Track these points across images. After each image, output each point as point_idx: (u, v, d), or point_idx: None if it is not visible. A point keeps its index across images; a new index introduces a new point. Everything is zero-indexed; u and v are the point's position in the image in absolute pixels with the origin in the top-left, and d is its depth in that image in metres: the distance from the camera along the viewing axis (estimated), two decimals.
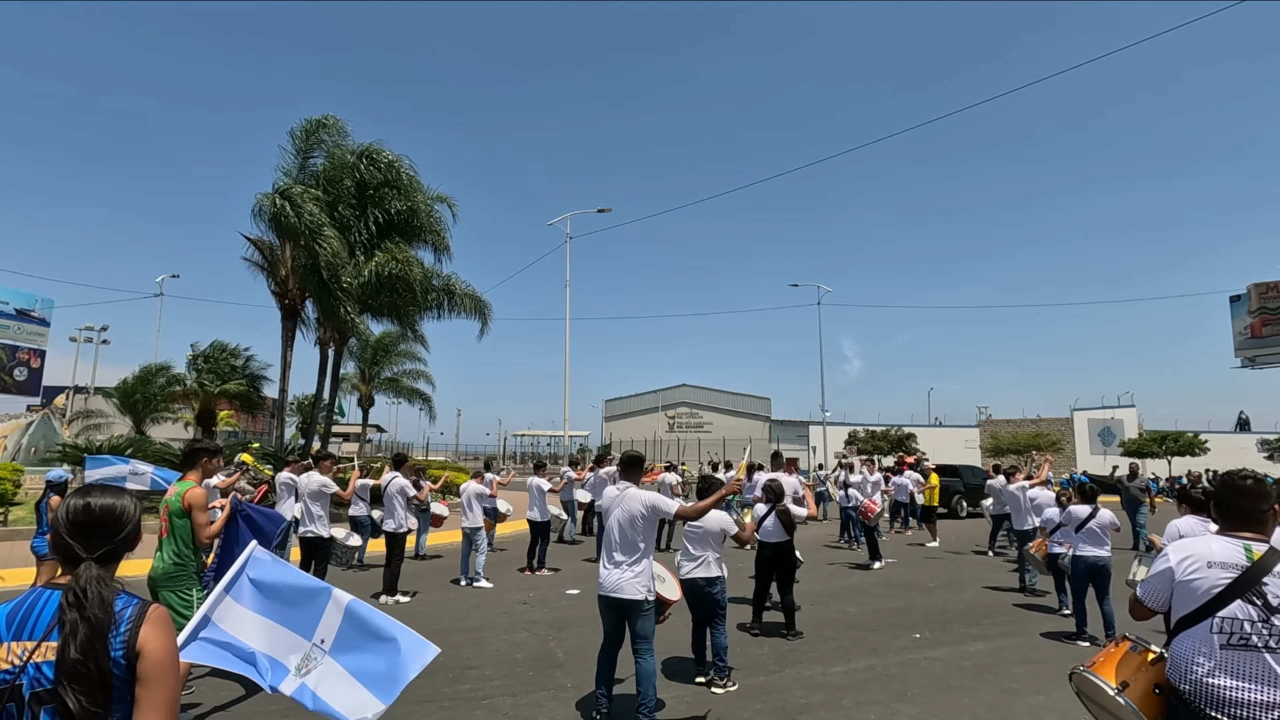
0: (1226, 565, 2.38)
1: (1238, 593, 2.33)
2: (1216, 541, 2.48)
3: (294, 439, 23.63)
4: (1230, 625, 2.32)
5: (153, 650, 1.59)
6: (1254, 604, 2.30)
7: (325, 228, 17.19)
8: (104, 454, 7.13)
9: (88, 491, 1.74)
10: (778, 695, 5.34)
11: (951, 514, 20.55)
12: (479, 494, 10.17)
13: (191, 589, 4.45)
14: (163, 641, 1.61)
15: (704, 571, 5.74)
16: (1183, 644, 2.43)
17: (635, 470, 4.96)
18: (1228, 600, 2.33)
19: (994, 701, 5.28)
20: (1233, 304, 45.87)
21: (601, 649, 4.76)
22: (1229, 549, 2.42)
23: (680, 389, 61.68)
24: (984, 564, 12.30)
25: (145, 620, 1.61)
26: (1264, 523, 2.50)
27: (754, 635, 7.13)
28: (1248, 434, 55.19)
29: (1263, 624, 2.28)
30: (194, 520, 4.47)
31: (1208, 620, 2.36)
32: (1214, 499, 2.64)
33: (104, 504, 1.70)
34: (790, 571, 7.32)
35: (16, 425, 26.17)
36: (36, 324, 41.46)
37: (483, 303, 20.73)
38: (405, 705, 5.02)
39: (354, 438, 42.14)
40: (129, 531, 1.73)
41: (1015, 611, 8.51)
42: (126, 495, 1.77)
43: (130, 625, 1.59)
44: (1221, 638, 2.32)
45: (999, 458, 40.25)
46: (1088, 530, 7.19)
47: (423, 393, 32.85)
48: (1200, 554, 2.45)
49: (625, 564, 4.57)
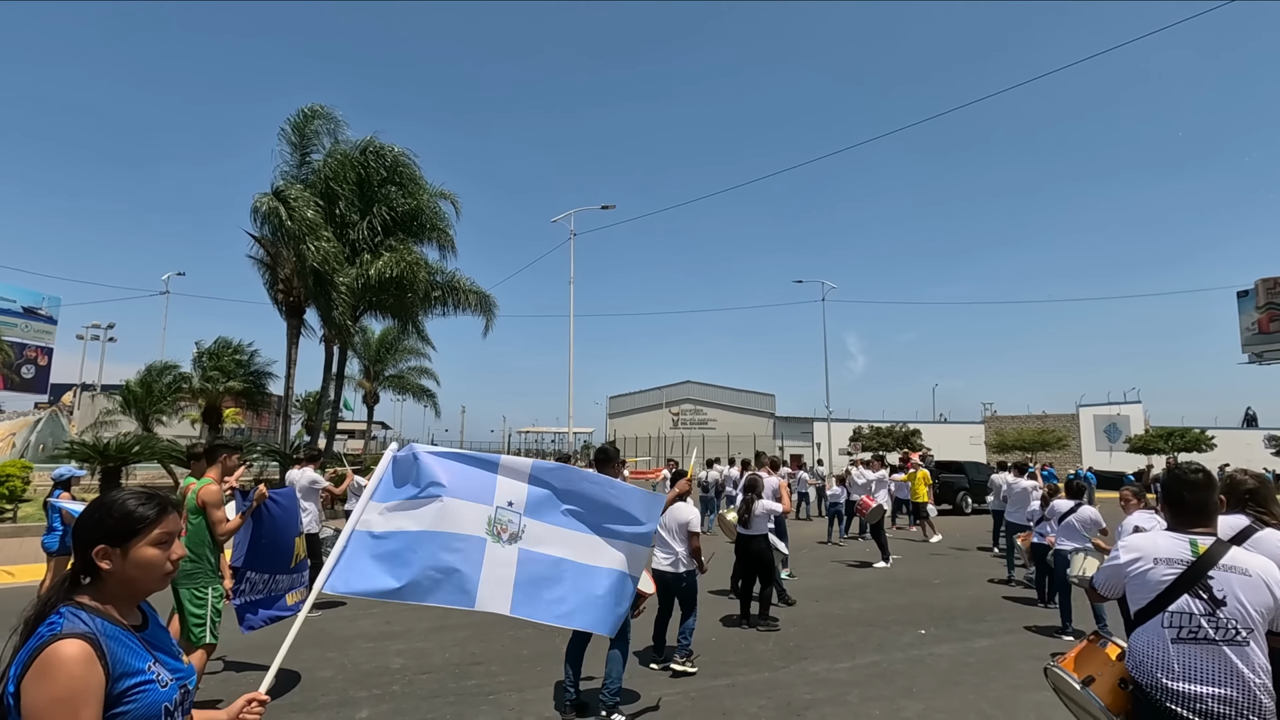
0: (1171, 561, 2.43)
1: (1184, 588, 2.37)
2: (1163, 538, 2.53)
3: (299, 436, 23.75)
4: (1180, 620, 2.36)
5: (27, 703, 1.32)
6: (1200, 598, 2.35)
7: (319, 230, 17.21)
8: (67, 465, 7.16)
9: (117, 492, 1.64)
10: (783, 691, 5.35)
11: (956, 510, 20.53)
12: None
13: (207, 586, 4.46)
14: (41, 694, 1.32)
15: (674, 568, 5.75)
16: (1138, 639, 2.48)
17: (608, 466, 4.96)
18: (1175, 595, 2.38)
19: (999, 697, 5.29)
20: (1240, 299, 45.63)
21: (570, 641, 4.80)
22: (1175, 544, 2.47)
23: (684, 386, 61.65)
24: (989, 560, 12.28)
25: (36, 659, 1.35)
26: (1212, 516, 2.54)
27: (745, 629, 7.19)
28: (1255, 430, 54.87)
29: (1208, 617, 2.32)
30: (208, 518, 4.48)
31: (1158, 615, 2.41)
32: (1163, 494, 2.65)
33: (102, 500, 1.60)
34: (767, 565, 7.39)
35: (24, 422, 26.37)
36: (44, 322, 41.73)
37: (487, 299, 20.78)
38: (412, 701, 5.05)
39: (359, 435, 42.27)
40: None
41: (1020, 608, 8.50)
42: (117, 499, 1.61)
43: (27, 657, 1.36)
44: (1171, 632, 2.37)
45: (1004, 454, 40.16)
46: (1066, 525, 7.34)
47: (427, 389, 33.04)
48: (1147, 551, 2.50)
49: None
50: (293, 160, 19.06)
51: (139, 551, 1.55)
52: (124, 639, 1.49)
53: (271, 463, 18.55)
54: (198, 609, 4.38)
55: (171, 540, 1.62)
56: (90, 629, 1.41)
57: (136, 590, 1.57)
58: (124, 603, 1.56)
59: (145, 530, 1.57)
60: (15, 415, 30.41)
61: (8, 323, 38.12)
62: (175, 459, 17.02)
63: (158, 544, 1.58)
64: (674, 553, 5.79)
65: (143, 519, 1.57)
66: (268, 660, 2.31)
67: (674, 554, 5.79)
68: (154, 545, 1.58)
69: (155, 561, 1.58)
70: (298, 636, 2.33)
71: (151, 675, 1.49)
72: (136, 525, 1.56)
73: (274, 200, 17.47)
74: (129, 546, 1.54)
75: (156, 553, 1.58)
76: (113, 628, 1.47)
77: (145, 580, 1.57)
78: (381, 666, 5.77)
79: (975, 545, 14.00)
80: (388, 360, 31.34)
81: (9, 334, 36.90)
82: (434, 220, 19.81)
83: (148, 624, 1.60)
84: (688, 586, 5.79)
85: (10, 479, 14.18)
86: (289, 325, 19.18)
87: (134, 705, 1.43)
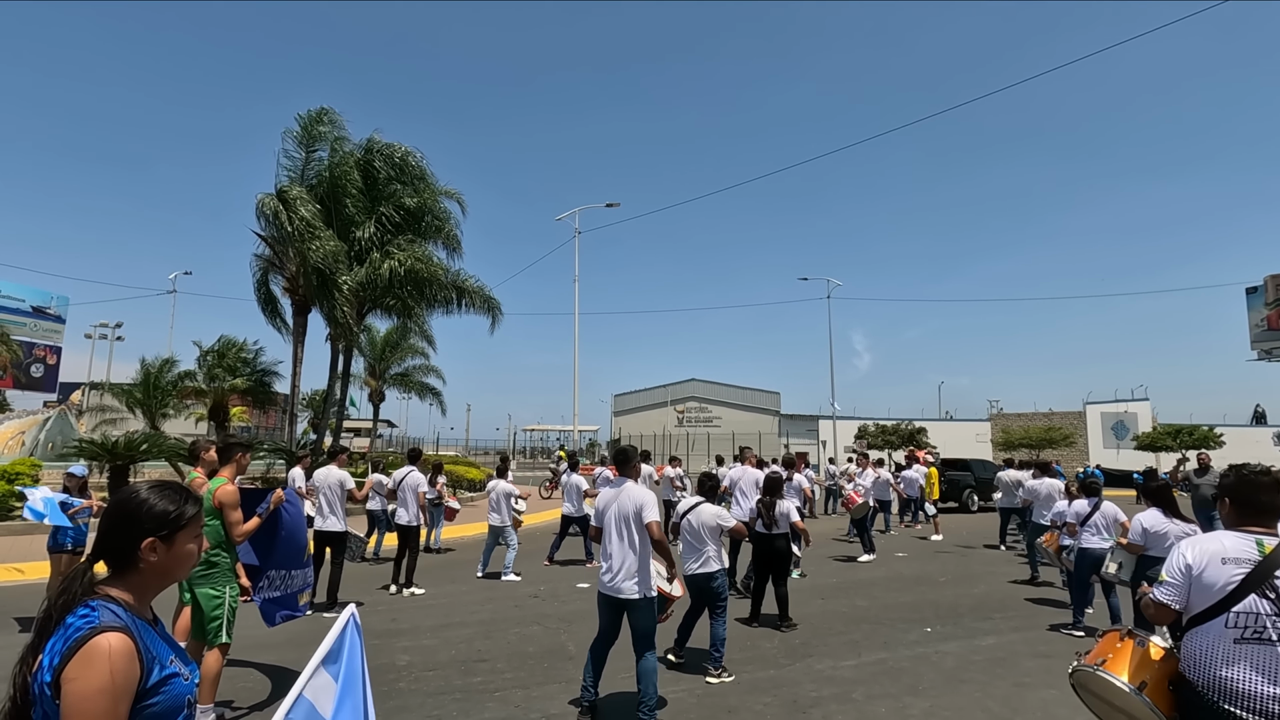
0: (1239, 560, 2.38)
1: (1251, 587, 2.32)
2: (1229, 537, 2.48)
3: (305, 434, 23.83)
4: (1245, 620, 2.31)
5: (69, 693, 1.31)
6: (1267, 598, 2.30)
7: (319, 230, 17.27)
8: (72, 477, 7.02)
9: (149, 486, 1.64)
10: (789, 688, 5.34)
11: (963, 508, 20.47)
12: (507, 493, 10.25)
13: (225, 586, 4.48)
14: (84, 685, 1.31)
15: (704, 567, 5.78)
16: (1197, 640, 2.42)
17: (627, 465, 4.90)
18: (1242, 595, 2.33)
19: (1006, 695, 5.26)
20: (1249, 296, 45.28)
21: (594, 642, 4.77)
22: (1240, 544, 2.42)
23: (689, 383, 61.60)
24: (995, 558, 12.24)
25: (79, 650, 1.33)
26: (1276, 516, 2.50)
27: (753, 628, 7.16)
28: (1264, 427, 54.47)
29: (1275, 617, 2.28)
30: (225, 518, 4.49)
31: (1222, 616, 2.35)
32: (1226, 493, 2.63)
33: (117, 500, 1.60)
34: (784, 564, 7.38)
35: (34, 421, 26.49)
36: (52, 321, 41.94)
37: (493, 300, 20.78)
38: (418, 698, 5.06)
39: (365, 433, 42.37)
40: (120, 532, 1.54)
41: (1027, 605, 8.47)
42: (154, 492, 1.61)
43: (67, 648, 1.34)
44: (1236, 632, 2.32)
45: (1011, 451, 39.98)
46: (1091, 523, 7.29)
47: (433, 388, 33.04)
48: (1213, 550, 2.45)
49: (622, 562, 4.56)
50: (299, 160, 19.12)
51: (181, 544, 1.60)
52: (150, 632, 1.51)
53: (278, 460, 18.62)
54: (216, 608, 4.40)
55: (201, 532, 1.69)
56: (125, 621, 1.42)
57: (168, 582, 1.62)
58: (149, 595, 1.59)
59: (191, 524, 1.63)
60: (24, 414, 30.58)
61: (16, 322, 38.32)
62: (183, 457, 17.09)
63: (196, 537, 1.65)
64: (703, 553, 5.80)
65: (187, 513, 1.62)
66: (268, 658, 2.29)
67: (703, 553, 5.80)
68: (194, 538, 1.64)
69: (193, 554, 1.65)
70: (302, 635, 2.33)
71: (175, 669, 1.50)
72: (184, 519, 1.61)
73: (274, 200, 17.56)
74: (174, 539, 1.58)
75: (194, 545, 1.64)
76: (140, 621, 1.49)
77: (180, 572, 1.63)
78: (388, 663, 5.78)
79: (982, 543, 13.95)
80: (392, 359, 31.38)
81: (18, 333, 37.11)
82: (440, 219, 19.84)
83: (158, 621, 1.62)
84: (719, 586, 5.75)
85: (20, 477, 14.26)
86: (295, 323, 19.24)
87: (162, 698, 1.45)
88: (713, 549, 5.81)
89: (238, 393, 24.51)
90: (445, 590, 9.05)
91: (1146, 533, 5.60)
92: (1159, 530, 5.57)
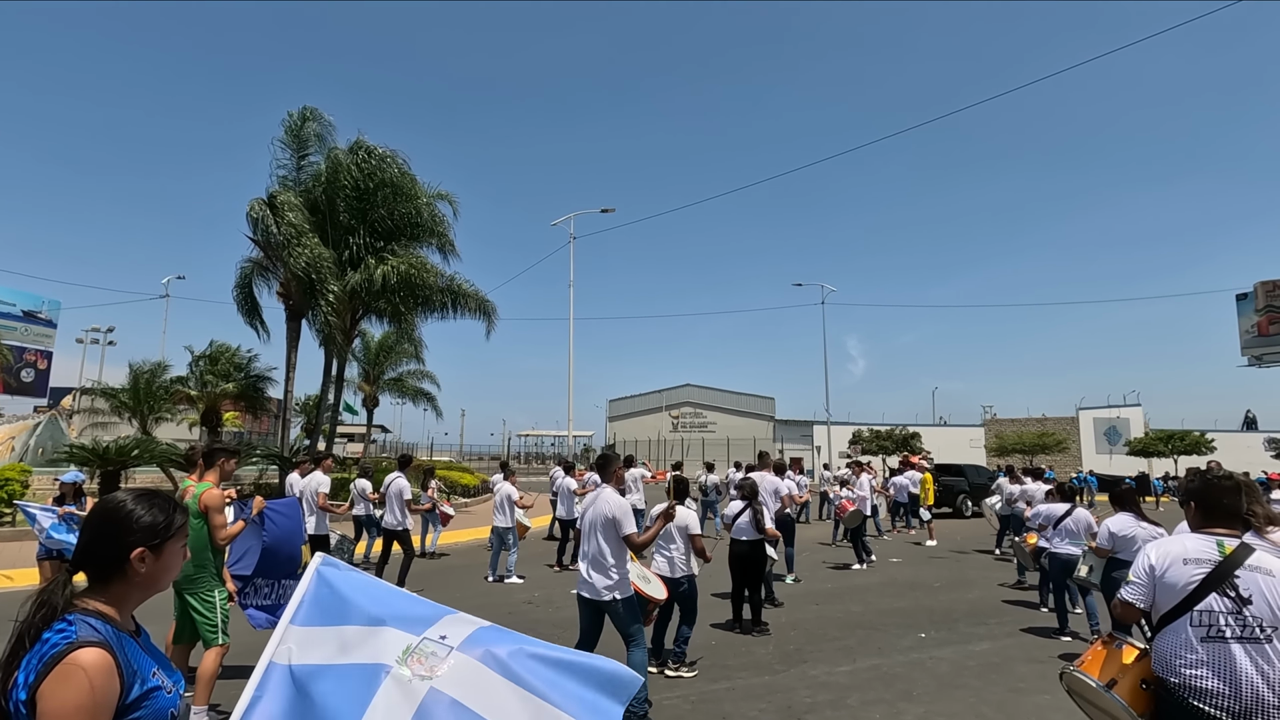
0: (1200, 561, 2.48)
1: (1211, 587, 2.42)
2: (1191, 539, 2.58)
3: (299, 439, 23.68)
4: (1207, 619, 2.41)
5: (45, 711, 1.28)
6: (1227, 596, 2.39)
7: (305, 235, 17.23)
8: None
9: (131, 495, 1.59)
10: (783, 694, 5.33)
11: (957, 513, 20.50)
12: (510, 497, 10.26)
13: (213, 590, 4.47)
14: (60, 703, 1.28)
15: (670, 571, 5.81)
16: (1165, 639, 2.51)
17: (606, 471, 5.06)
18: (1202, 595, 2.43)
19: (1000, 701, 5.27)
20: (1239, 302, 45.58)
21: (576, 645, 4.80)
22: (1201, 545, 2.52)
23: (684, 389, 61.63)
24: (989, 564, 12.26)
25: (55, 666, 1.30)
26: (1240, 518, 2.62)
27: (738, 634, 7.15)
28: (1255, 432, 54.82)
29: (1234, 615, 2.37)
30: (210, 522, 4.48)
31: (1186, 615, 2.44)
32: (1191, 497, 2.72)
33: (102, 510, 1.55)
34: (759, 569, 7.34)
35: (24, 426, 26.30)
36: (43, 325, 41.71)
37: (488, 304, 20.74)
38: None
39: (359, 438, 42.21)
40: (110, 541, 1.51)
41: (1021, 611, 8.48)
42: (141, 501, 1.57)
43: (44, 664, 1.31)
44: (1201, 630, 2.41)
45: (1004, 457, 40.11)
46: (1063, 528, 7.43)
47: (427, 393, 32.91)
48: (1175, 552, 2.55)
49: (598, 565, 4.70)
50: (291, 164, 19.03)
51: (170, 554, 1.58)
52: (131, 644, 1.47)
53: (271, 466, 18.52)
54: (207, 612, 4.40)
55: (186, 538, 1.67)
56: (104, 636, 1.38)
57: (152, 592, 1.59)
58: (131, 606, 1.55)
59: (179, 533, 1.60)
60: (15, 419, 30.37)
61: (7, 326, 38.07)
62: (174, 462, 16.99)
63: (183, 546, 1.63)
64: (669, 555, 5.85)
65: (176, 522, 1.60)
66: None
67: (670, 556, 5.85)
68: (181, 547, 1.62)
69: (179, 561, 1.62)
70: None
71: (157, 682, 1.46)
72: (173, 528, 1.59)
73: (263, 206, 17.54)
74: (163, 549, 1.56)
75: (179, 553, 1.62)
76: (120, 634, 1.45)
77: (165, 580, 1.60)
78: None
79: (975, 548, 13.97)
80: (387, 363, 31.26)
81: (8, 338, 36.85)
82: (433, 223, 19.77)
83: (140, 631, 1.58)
84: (687, 591, 5.80)
85: (10, 483, 14.15)
86: (288, 328, 19.15)
87: (144, 713, 1.41)
88: (679, 552, 5.82)
89: (230, 398, 24.33)
90: (439, 596, 8.86)
91: (1114, 536, 5.72)
92: (1127, 534, 5.67)
